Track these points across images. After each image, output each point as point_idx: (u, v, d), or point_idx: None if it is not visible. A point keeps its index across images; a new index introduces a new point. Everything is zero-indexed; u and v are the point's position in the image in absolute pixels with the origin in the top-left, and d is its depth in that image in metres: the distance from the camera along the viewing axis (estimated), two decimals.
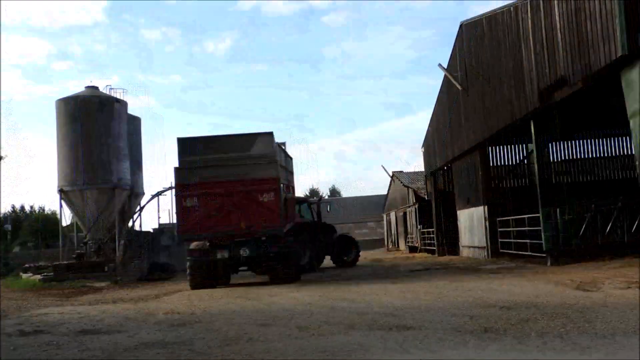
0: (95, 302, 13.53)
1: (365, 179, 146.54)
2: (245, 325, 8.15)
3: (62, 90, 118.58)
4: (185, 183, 15.95)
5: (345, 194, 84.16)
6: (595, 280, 11.27)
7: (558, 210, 17.61)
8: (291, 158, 20.39)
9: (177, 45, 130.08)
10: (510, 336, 6.35)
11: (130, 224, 28.40)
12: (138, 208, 29.32)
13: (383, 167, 56.59)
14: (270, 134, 16.63)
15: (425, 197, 32.75)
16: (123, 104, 27.15)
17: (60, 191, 25.23)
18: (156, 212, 31.80)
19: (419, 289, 12.09)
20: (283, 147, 18.73)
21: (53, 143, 26.24)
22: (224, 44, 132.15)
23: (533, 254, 18.40)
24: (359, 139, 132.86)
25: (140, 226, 29.37)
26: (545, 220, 17.50)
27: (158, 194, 30.38)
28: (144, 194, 29.58)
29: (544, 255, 17.49)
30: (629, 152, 26.39)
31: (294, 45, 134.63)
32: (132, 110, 28.51)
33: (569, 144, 27.36)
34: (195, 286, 16.02)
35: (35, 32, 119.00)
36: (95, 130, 25.64)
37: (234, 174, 16.03)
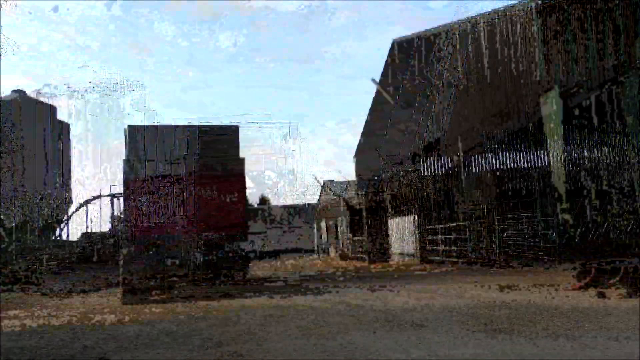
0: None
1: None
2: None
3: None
4: (134, 179, 14.55)
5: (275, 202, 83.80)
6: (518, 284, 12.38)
7: (480, 221, 19.07)
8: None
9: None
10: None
11: (57, 232, 27.38)
12: (65, 217, 28.33)
13: (315, 177, 57.44)
14: (236, 128, 15.65)
15: (357, 206, 33.75)
16: (47, 108, 26.21)
17: None
18: (84, 220, 30.67)
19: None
20: None
21: None
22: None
23: (460, 260, 19.70)
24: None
25: (68, 235, 28.36)
26: (469, 229, 18.87)
27: (87, 202, 29.46)
28: (72, 202, 28.66)
29: (469, 261, 18.78)
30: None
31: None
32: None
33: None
34: (131, 299, 13.07)
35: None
36: (21, 135, 24.64)
37: (192, 169, 14.84)
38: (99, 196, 29.09)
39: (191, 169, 14.88)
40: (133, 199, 14.39)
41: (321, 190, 43.19)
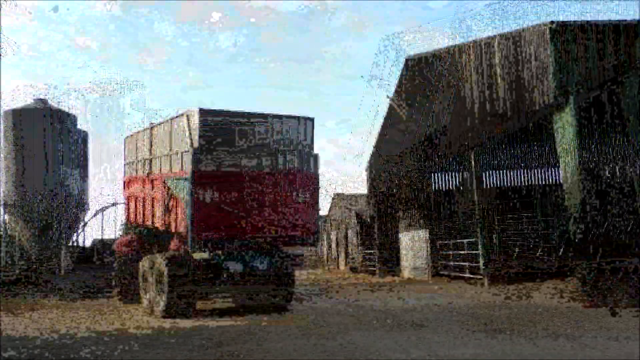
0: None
1: None
2: None
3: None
4: (205, 170, 12.23)
5: None
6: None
7: (494, 235, 19.33)
8: None
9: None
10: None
11: (74, 237, 27.92)
12: (82, 223, 28.86)
13: (325, 189, 57.59)
14: (312, 121, 13.72)
15: (368, 218, 33.96)
16: (72, 118, 26.95)
17: (4, 205, 24.70)
18: (100, 226, 31.09)
19: None
20: None
21: None
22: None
23: (471, 275, 19.89)
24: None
25: (84, 240, 28.91)
26: (482, 245, 19.06)
27: (103, 209, 29.99)
28: (89, 209, 29.22)
29: (481, 276, 18.96)
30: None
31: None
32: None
33: (503, 173, 28.83)
34: (178, 312, 11.77)
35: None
36: (43, 143, 25.26)
37: (264, 162, 12.89)
38: (115, 204, 29.55)
39: (263, 163, 12.91)
40: (202, 193, 12.07)
41: (332, 202, 43.46)
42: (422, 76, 23.15)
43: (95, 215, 29.45)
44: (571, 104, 12.90)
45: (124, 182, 17.49)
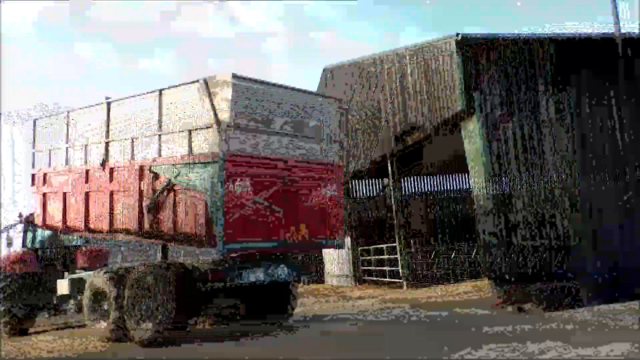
0: None
1: None
2: None
3: None
4: (241, 154, 9.61)
5: None
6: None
7: (412, 241, 19.89)
8: None
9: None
10: None
11: None
12: None
13: None
14: (341, 102, 11.82)
15: None
16: None
17: None
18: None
19: None
20: None
21: None
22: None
23: (391, 279, 20.32)
24: None
25: None
26: (401, 251, 19.52)
27: (8, 227, 28.01)
28: None
29: (400, 280, 19.42)
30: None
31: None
32: None
33: (429, 179, 29.02)
34: (170, 337, 9.74)
35: None
36: None
37: (306, 148, 10.69)
38: (20, 221, 27.75)
39: (305, 150, 10.69)
40: (233, 184, 9.37)
41: None
42: (340, 86, 23.44)
43: None
44: (477, 112, 13.37)
45: (36, 176, 13.54)
